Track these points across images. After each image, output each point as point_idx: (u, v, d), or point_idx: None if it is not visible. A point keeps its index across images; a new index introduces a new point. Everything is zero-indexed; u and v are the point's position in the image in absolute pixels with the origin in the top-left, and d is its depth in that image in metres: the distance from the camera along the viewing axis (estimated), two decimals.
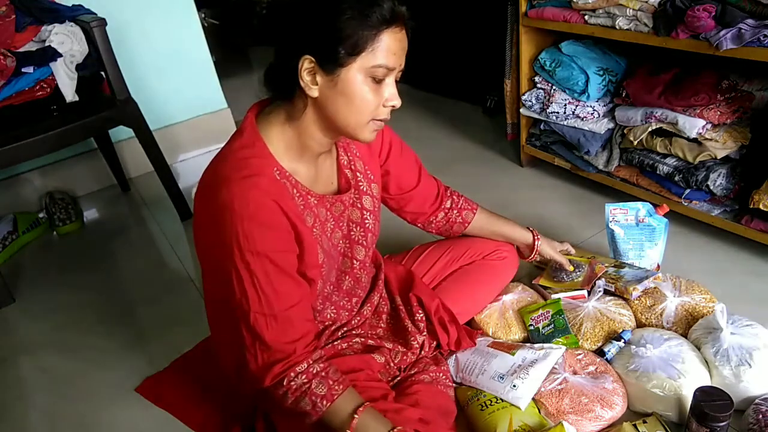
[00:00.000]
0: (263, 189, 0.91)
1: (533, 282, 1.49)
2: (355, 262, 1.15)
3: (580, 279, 1.41)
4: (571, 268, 1.42)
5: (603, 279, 1.37)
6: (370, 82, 0.91)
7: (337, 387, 0.95)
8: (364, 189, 1.14)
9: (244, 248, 0.89)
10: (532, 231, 1.40)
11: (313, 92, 0.91)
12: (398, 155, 1.22)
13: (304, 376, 0.94)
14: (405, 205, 1.29)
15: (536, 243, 1.39)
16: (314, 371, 0.94)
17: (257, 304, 0.92)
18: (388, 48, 0.89)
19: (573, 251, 1.48)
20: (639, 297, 1.33)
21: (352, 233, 1.13)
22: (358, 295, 1.21)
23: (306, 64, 0.89)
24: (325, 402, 0.93)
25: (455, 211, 1.33)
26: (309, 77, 0.90)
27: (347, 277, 1.16)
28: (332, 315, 1.16)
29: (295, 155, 0.99)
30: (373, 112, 0.93)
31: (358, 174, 1.13)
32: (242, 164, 0.93)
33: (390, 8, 0.88)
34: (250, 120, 0.99)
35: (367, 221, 1.14)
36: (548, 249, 1.42)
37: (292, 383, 0.93)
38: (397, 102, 0.95)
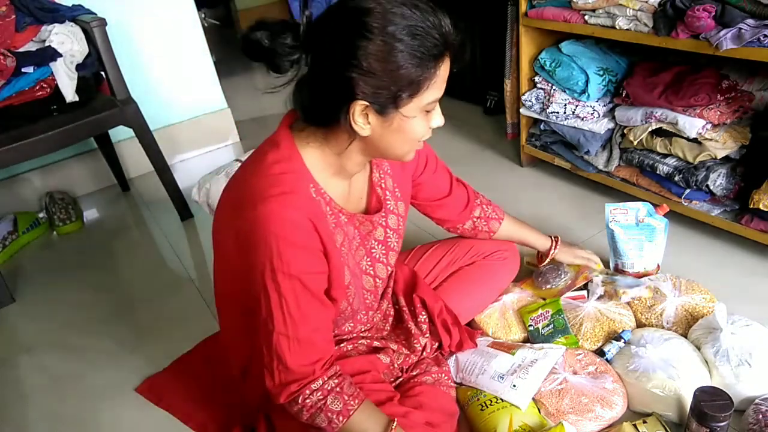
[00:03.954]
0: (300, 208, 0.88)
1: (515, 284, 1.47)
2: (377, 280, 1.14)
3: (560, 287, 1.41)
4: (599, 266, 1.44)
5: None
6: (424, 115, 0.90)
7: (352, 402, 0.94)
8: (391, 208, 1.12)
9: (277, 269, 0.87)
10: (552, 239, 1.43)
11: (365, 132, 0.87)
12: (433, 170, 1.23)
13: (319, 393, 0.93)
14: (433, 212, 1.30)
15: (551, 251, 1.42)
16: (329, 387, 0.94)
17: (282, 325, 0.90)
18: (442, 80, 0.87)
19: (597, 260, 1.46)
20: (629, 301, 1.33)
21: (373, 251, 1.11)
22: (374, 308, 1.20)
23: (358, 108, 0.84)
24: (341, 418, 0.93)
25: (483, 221, 1.34)
26: (361, 119, 0.86)
27: (371, 295, 1.15)
28: (350, 328, 1.15)
29: (331, 173, 0.97)
30: (422, 138, 0.93)
31: (387, 192, 1.11)
32: (278, 180, 0.89)
33: (442, 38, 0.82)
34: (285, 132, 0.95)
35: (390, 240, 1.12)
36: (567, 256, 1.44)
37: (307, 400, 0.92)
38: (442, 122, 0.94)
